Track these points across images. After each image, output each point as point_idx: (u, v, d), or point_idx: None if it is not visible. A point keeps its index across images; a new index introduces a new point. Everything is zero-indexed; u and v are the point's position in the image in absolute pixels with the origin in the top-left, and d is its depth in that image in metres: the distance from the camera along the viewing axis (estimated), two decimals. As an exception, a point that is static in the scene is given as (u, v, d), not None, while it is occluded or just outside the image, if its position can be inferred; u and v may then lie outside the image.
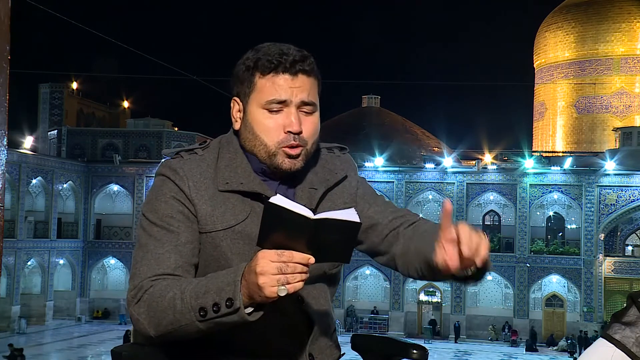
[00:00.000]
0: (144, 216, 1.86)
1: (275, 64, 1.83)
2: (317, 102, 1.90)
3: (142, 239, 1.84)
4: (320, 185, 1.92)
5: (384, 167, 47.28)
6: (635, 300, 1.54)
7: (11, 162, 40.26)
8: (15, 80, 11.78)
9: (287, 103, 1.83)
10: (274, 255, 1.57)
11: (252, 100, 1.86)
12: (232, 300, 1.61)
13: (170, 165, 1.88)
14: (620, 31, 63.80)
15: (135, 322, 1.75)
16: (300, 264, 1.57)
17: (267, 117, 1.84)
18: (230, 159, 1.89)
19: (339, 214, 1.59)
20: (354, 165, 2.08)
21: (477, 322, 45.69)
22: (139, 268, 1.80)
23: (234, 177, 1.86)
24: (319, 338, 1.89)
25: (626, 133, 50.44)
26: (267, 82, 1.84)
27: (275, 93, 1.83)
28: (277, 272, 1.56)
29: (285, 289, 1.56)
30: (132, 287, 1.77)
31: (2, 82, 1.42)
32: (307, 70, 1.86)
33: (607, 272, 44.39)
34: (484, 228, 47.57)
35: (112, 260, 48.39)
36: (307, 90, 1.86)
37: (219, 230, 1.82)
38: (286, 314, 1.82)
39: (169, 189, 1.85)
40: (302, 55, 1.86)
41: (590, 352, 1.55)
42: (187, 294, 1.67)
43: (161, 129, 52.73)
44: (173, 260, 1.79)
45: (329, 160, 2.01)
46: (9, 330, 41.20)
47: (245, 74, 1.88)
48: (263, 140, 1.84)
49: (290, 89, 1.84)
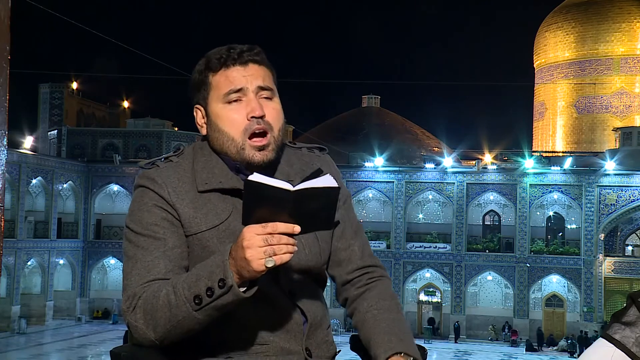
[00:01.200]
0: (128, 228, 1.86)
1: (225, 58, 1.87)
2: (275, 89, 1.92)
3: (129, 251, 1.84)
4: (296, 176, 1.91)
5: (384, 167, 47.28)
6: (635, 300, 1.54)
7: (11, 162, 40.26)
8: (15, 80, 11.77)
9: (244, 91, 1.86)
10: (259, 228, 1.59)
11: (211, 100, 1.89)
12: (224, 279, 1.62)
13: (147, 175, 1.89)
14: (620, 31, 63.79)
15: (133, 330, 1.75)
16: (285, 235, 1.59)
17: (229, 110, 1.87)
18: (206, 161, 1.91)
19: (317, 181, 1.61)
20: (335, 167, 2.08)
21: (477, 322, 45.70)
22: (130, 279, 1.80)
23: (212, 177, 1.87)
24: (314, 333, 1.89)
25: (626, 133, 50.44)
26: (221, 77, 1.87)
27: (230, 84, 1.86)
28: (264, 244, 1.58)
29: (272, 260, 1.58)
30: (126, 297, 1.78)
31: (2, 82, 1.42)
32: (257, 59, 1.89)
33: (607, 272, 44.39)
34: (484, 228, 47.62)
35: (112, 260, 48.40)
36: (261, 76, 1.89)
37: (204, 231, 1.83)
38: (279, 309, 1.83)
39: (150, 198, 1.86)
40: (249, 47, 1.90)
41: (590, 352, 1.55)
42: (179, 287, 1.68)
43: (161, 129, 52.73)
44: (163, 265, 1.80)
45: (306, 156, 2.03)
46: (9, 330, 41.21)
47: (199, 79, 1.91)
48: (229, 134, 1.86)
49: (244, 77, 1.87)
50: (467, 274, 45.49)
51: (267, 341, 1.83)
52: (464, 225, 45.94)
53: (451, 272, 45.67)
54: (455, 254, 45.81)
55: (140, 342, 1.76)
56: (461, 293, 45.42)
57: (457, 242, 45.95)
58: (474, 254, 45.67)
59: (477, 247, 46.19)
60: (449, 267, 45.83)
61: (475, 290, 46.46)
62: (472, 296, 46.21)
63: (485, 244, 46.27)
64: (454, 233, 46.01)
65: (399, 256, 45.95)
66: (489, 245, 46.12)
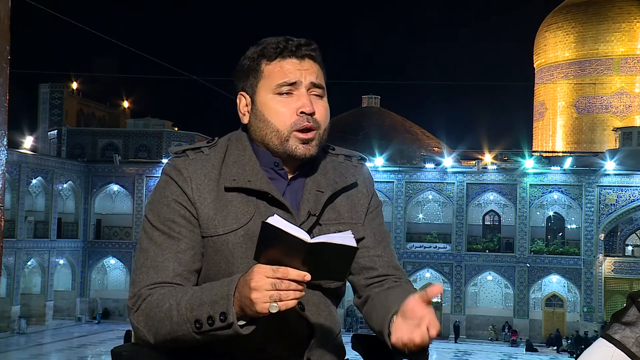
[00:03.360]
0: (146, 218, 1.85)
1: (282, 48, 1.83)
2: (325, 88, 1.88)
3: (143, 243, 1.83)
4: (327, 188, 1.88)
5: (384, 167, 47.29)
6: (635, 300, 1.54)
7: (11, 162, 40.25)
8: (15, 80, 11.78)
9: (297, 85, 1.82)
10: (269, 271, 1.55)
11: (261, 88, 1.85)
12: (226, 314, 1.60)
13: (175, 165, 1.85)
14: (620, 31, 63.78)
15: (135, 330, 1.76)
16: (295, 282, 1.55)
17: (278, 101, 1.82)
18: (239, 155, 1.86)
19: (335, 237, 1.57)
20: (370, 178, 2.02)
21: (477, 322, 45.71)
22: (138, 275, 1.79)
23: (241, 174, 1.83)
24: (319, 343, 1.86)
25: (626, 133, 50.42)
26: (275, 67, 1.83)
27: (285, 76, 1.82)
28: (271, 288, 1.54)
29: (277, 306, 1.55)
30: (132, 294, 1.78)
31: (2, 82, 1.42)
32: (313, 55, 1.86)
33: (607, 272, 44.39)
34: (484, 228, 47.63)
35: (112, 260, 48.40)
36: (315, 73, 1.85)
37: (221, 234, 1.80)
38: (286, 321, 1.79)
39: (172, 192, 1.83)
40: (307, 41, 1.86)
41: (590, 352, 1.55)
42: (182, 305, 1.67)
43: (161, 129, 52.70)
44: (172, 268, 1.78)
45: (342, 165, 1.97)
46: (9, 330, 41.21)
47: (250, 65, 1.87)
48: (275, 125, 1.82)
49: (299, 71, 1.83)
50: (467, 274, 45.49)
51: (269, 349, 1.81)
52: (464, 225, 45.95)
53: (451, 272, 45.68)
54: (455, 254, 45.81)
55: (141, 341, 1.77)
56: (461, 293, 45.43)
57: (457, 242, 45.95)
58: (474, 254, 45.67)
59: (477, 247, 46.19)
60: (449, 267, 45.83)
61: (475, 290, 46.48)
62: (472, 296, 46.22)
63: (485, 244, 46.27)
64: (454, 233, 46.02)
65: (399, 256, 45.92)
66: (489, 245, 46.12)
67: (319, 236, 1.58)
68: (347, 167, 1.97)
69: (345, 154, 2.01)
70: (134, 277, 1.80)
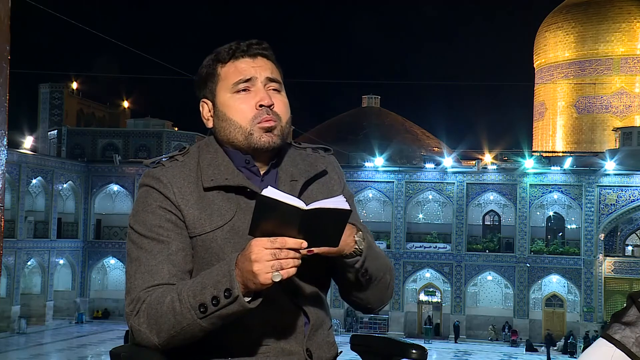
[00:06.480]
0: (132, 229, 1.87)
1: (234, 50, 1.90)
2: (282, 83, 1.94)
3: (132, 253, 1.84)
4: (300, 176, 1.93)
5: (384, 167, 47.29)
6: (635, 300, 1.54)
7: (11, 162, 40.25)
8: (15, 80, 11.79)
9: (253, 81, 1.88)
10: (267, 242, 1.60)
11: (219, 91, 1.91)
12: (230, 290, 1.63)
13: (153, 175, 1.90)
14: (620, 31, 63.78)
15: (136, 334, 1.76)
16: (292, 250, 1.60)
17: (237, 99, 1.88)
18: (212, 158, 1.91)
19: (329, 202, 1.63)
20: (339, 167, 2.08)
21: (477, 322, 45.70)
22: (133, 282, 1.80)
23: (218, 174, 1.87)
24: (315, 334, 1.89)
25: (626, 133, 50.43)
26: (230, 68, 1.90)
27: (240, 74, 1.88)
28: (271, 258, 1.59)
29: (279, 275, 1.60)
30: (129, 301, 1.78)
31: (2, 82, 1.42)
32: (265, 54, 1.92)
33: (607, 272, 44.39)
34: (484, 228, 47.63)
35: (112, 260, 48.42)
36: (270, 69, 1.91)
37: (208, 232, 1.83)
38: (282, 311, 1.83)
39: (154, 199, 1.86)
40: (258, 41, 1.93)
41: (590, 352, 1.55)
42: (184, 295, 1.68)
43: (161, 129, 52.71)
44: (166, 270, 1.80)
45: (311, 156, 2.03)
46: (9, 330, 41.21)
47: (207, 72, 1.93)
48: (237, 122, 1.87)
49: (253, 68, 1.89)
50: (467, 274, 45.49)
51: (268, 342, 1.82)
52: (464, 225, 45.94)
53: (451, 272, 45.68)
54: (455, 254, 45.81)
55: (143, 345, 1.76)
56: (461, 293, 45.43)
57: (457, 242, 45.95)
58: (474, 254, 45.67)
59: (477, 247, 46.19)
60: (449, 267, 45.83)
61: (475, 290, 46.48)
62: (472, 296, 46.22)
63: (485, 244, 46.27)
64: (454, 233, 46.02)
65: (399, 256, 45.93)
66: (489, 245, 46.11)
67: (313, 202, 1.63)
68: (315, 157, 2.03)
69: (311, 147, 2.08)
70: (129, 285, 1.81)
